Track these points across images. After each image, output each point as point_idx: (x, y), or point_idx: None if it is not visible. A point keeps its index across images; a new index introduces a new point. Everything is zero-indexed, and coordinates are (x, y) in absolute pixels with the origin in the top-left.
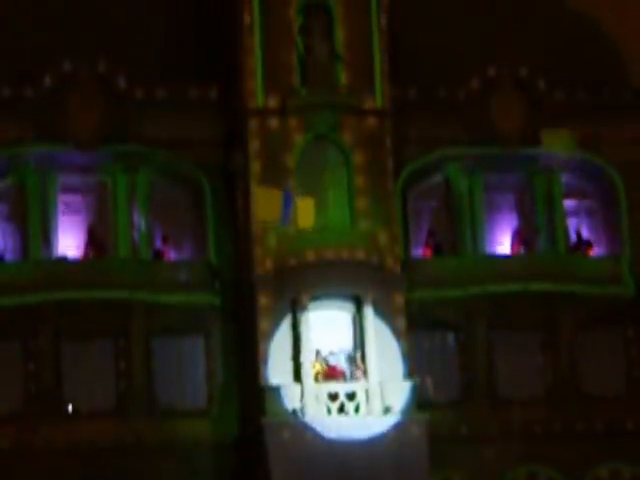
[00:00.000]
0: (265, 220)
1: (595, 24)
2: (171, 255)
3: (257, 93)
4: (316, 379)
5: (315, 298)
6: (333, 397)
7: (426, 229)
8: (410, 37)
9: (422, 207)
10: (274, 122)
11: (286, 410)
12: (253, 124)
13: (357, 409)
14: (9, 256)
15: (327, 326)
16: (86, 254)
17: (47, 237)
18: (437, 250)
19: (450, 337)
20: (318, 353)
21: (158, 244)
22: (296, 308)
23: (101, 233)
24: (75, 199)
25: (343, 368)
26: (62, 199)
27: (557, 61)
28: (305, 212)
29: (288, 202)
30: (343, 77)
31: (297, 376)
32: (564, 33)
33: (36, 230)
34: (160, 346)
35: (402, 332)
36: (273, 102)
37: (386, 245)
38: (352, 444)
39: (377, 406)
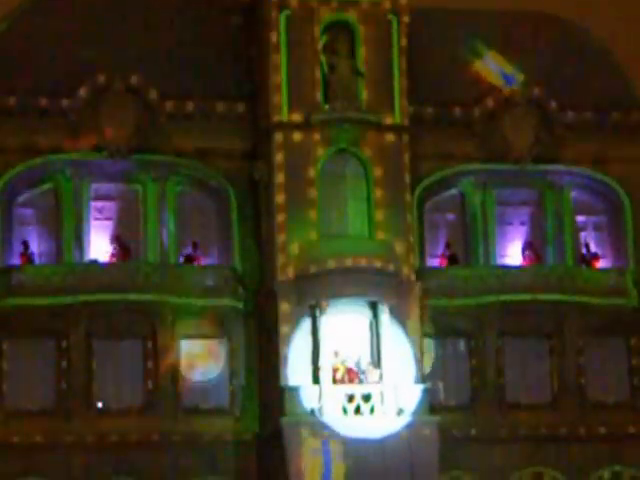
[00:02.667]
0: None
1: (604, 47)
2: (201, 261)
3: (282, 108)
4: (340, 380)
5: (334, 304)
6: (350, 398)
7: (441, 240)
8: (428, 57)
9: (437, 219)
10: (298, 136)
11: (305, 410)
12: (278, 137)
13: (372, 410)
14: (44, 259)
15: (345, 331)
16: (114, 259)
17: (79, 241)
18: (452, 261)
19: (461, 343)
20: (337, 355)
21: (189, 250)
22: (315, 313)
23: (128, 239)
24: (107, 205)
25: (360, 371)
26: (94, 205)
27: (568, 83)
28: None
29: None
30: (364, 94)
31: (315, 378)
32: (574, 56)
33: (69, 235)
34: (185, 347)
35: (416, 338)
36: (297, 117)
37: (402, 255)
38: (367, 443)
39: (391, 408)
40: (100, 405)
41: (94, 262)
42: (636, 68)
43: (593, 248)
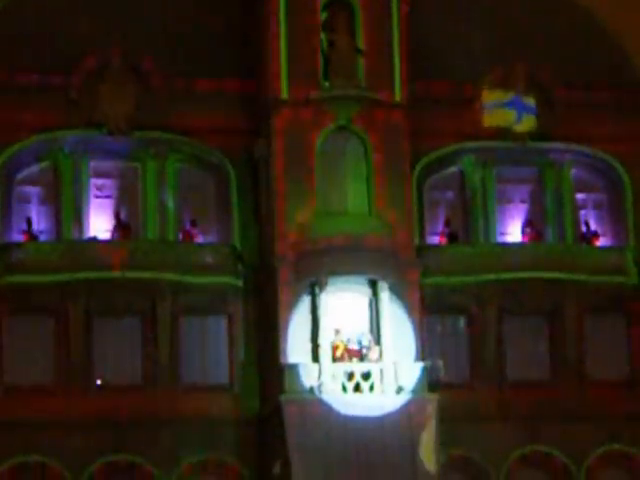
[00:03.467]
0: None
1: (604, 25)
2: (199, 238)
3: (282, 85)
4: (339, 358)
5: (333, 281)
6: (349, 376)
7: (441, 218)
8: (429, 35)
9: (437, 197)
10: (297, 113)
11: (304, 388)
12: (277, 114)
13: (372, 388)
14: (43, 237)
15: (344, 308)
16: (114, 236)
17: (79, 219)
18: (452, 239)
19: (461, 321)
20: (338, 333)
21: (187, 227)
22: (315, 291)
23: (128, 216)
24: (106, 183)
25: (359, 349)
26: (94, 183)
27: (568, 60)
28: None
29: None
30: (364, 71)
31: (315, 356)
32: (575, 33)
33: (69, 212)
34: (185, 325)
35: (415, 316)
36: (297, 94)
37: (402, 232)
38: (366, 421)
39: (390, 386)
40: (99, 382)
41: (93, 239)
42: (637, 46)
43: (593, 226)
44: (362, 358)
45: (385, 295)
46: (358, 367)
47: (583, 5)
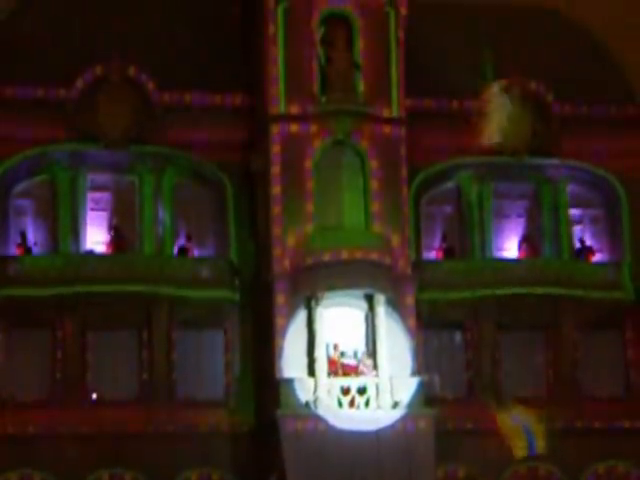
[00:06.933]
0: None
1: (601, 41)
2: (195, 252)
3: (279, 99)
4: (335, 372)
5: (329, 296)
6: (345, 391)
7: (437, 233)
8: (426, 50)
9: (434, 212)
10: (294, 127)
11: (300, 402)
12: (274, 129)
13: (367, 403)
14: (39, 249)
15: (340, 323)
16: (111, 249)
17: (76, 232)
18: (449, 254)
19: (458, 336)
20: (334, 347)
21: (182, 242)
22: (311, 305)
23: (124, 230)
24: (103, 196)
25: (355, 364)
26: (91, 196)
27: (565, 76)
28: None
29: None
30: (361, 86)
31: (311, 370)
32: (571, 50)
33: (65, 225)
34: (181, 339)
35: (412, 330)
36: (294, 108)
37: (398, 247)
38: (362, 436)
39: (387, 400)
40: (95, 396)
41: (90, 253)
42: (633, 62)
43: (589, 242)
44: (358, 373)
45: (381, 310)
46: (354, 382)
47: (579, 21)
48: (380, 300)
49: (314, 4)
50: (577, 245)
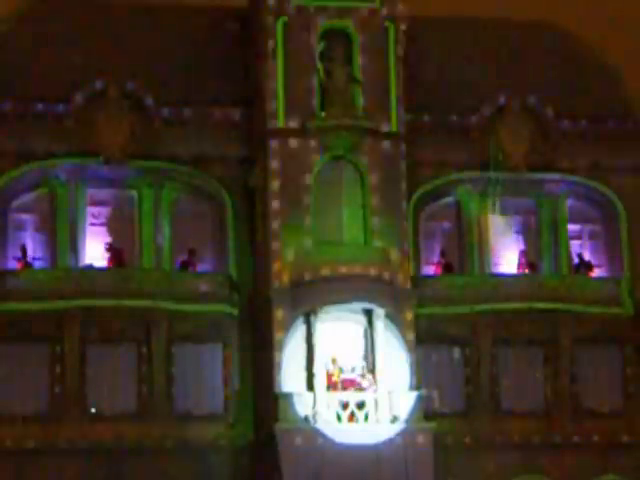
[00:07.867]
0: None
1: (600, 56)
2: (197, 267)
3: (278, 114)
4: (334, 387)
5: (328, 310)
6: (344, 405)
7: (436, 248)
8: (425, 65)
9: (433, 227)
10: (293, 142)
11: (298, 417)
12: (274, 144)
13: (366, 417)
14: (39, 264)
15: (339, 338)
16: (109, 264)
17: (75, 247)
18: (448, 269)
19: (456, 351)
20: (333, 362)
21: (185, 257)
22: (310, 319)
23: (124, 244)
24: (102, 211)
25: (354, 378)
26: (90, 211)
27: (564, 91)
28: None
29: None
30: (360, 101)
31: (310, 384)
32: (571, 65)
33: (64, 240)
34: (180, 353)
35: (411, 345)
36: (293, 123)
37: (398, 262)
38: (361, 450)
39: (385, 415)
40: (94, 410)
41: (89, 267)
42: (632, 77)
43: (588, 257)
44: (357, 387)
45: (380, 324)
46: (353, 396)
47: (579, 37)
48: (379, 315)
49: (313, 19)
50: (576, 260)
